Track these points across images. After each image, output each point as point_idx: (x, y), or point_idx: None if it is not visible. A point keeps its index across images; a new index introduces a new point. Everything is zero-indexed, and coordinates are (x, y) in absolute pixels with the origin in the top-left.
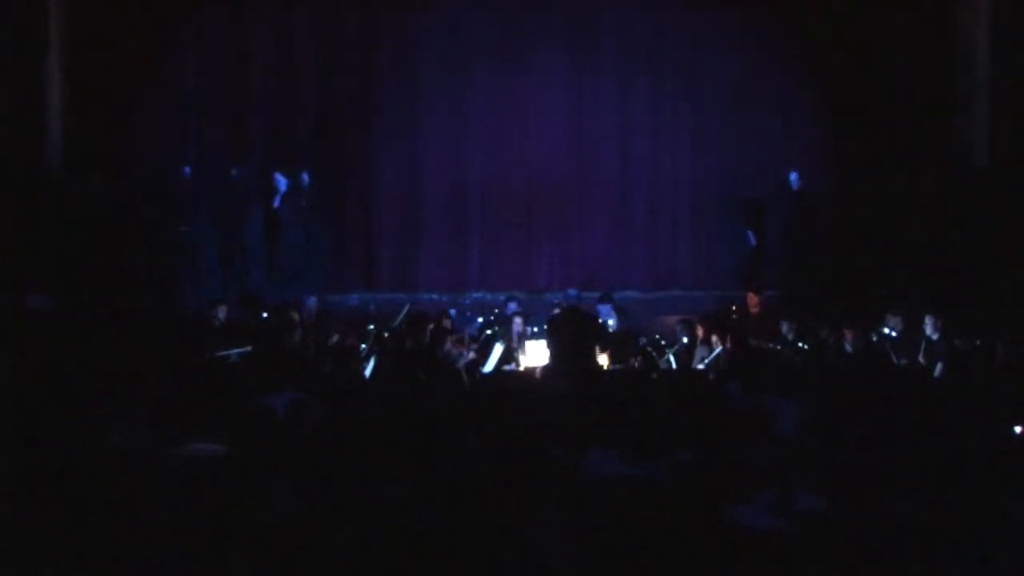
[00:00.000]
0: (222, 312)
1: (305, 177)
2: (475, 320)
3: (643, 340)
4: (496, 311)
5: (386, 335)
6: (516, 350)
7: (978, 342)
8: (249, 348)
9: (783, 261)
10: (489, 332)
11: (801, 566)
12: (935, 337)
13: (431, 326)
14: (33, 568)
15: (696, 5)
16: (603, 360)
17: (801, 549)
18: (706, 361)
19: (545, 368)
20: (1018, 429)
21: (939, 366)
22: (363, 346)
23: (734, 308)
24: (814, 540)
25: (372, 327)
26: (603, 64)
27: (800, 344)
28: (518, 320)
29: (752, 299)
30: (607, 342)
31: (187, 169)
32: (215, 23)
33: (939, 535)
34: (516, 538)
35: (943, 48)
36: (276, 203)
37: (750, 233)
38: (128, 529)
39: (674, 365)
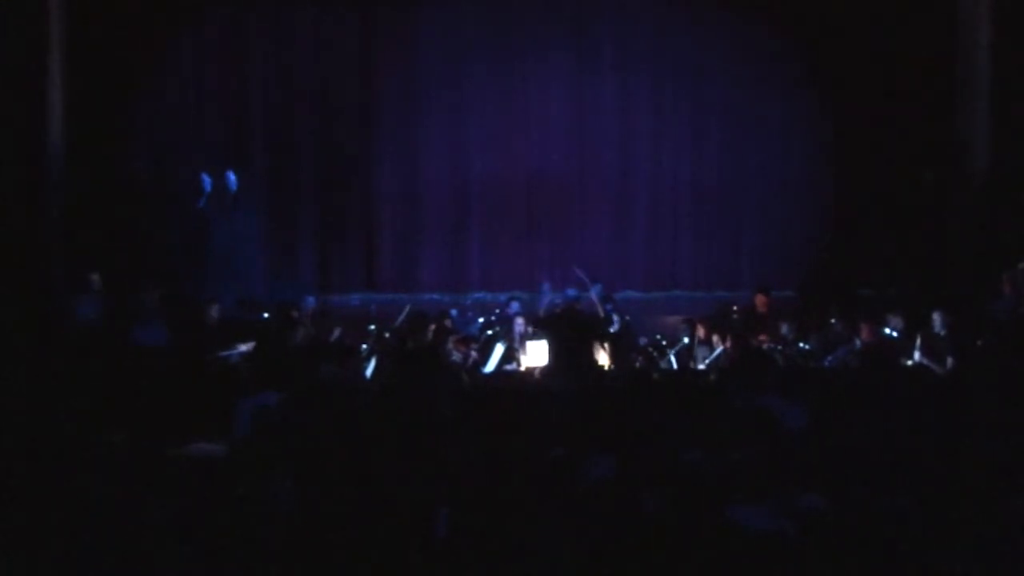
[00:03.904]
0: (215, 311)
1: (231, 176)
2: (476, 320)
3: (644, 340)
4: (497, 311)
5: (387, 335)
6: (517, 350)
7: (979, 342)
8: (250, 347)
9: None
10: (490, 332)
11: (802, 566)
12: (943, 334)
13: (433, 326)
14: (34, 568)
15: (696, 5)
16: (604, 360)
17: (803, 549)
18: (707, 361)
19: (545, 368)
20: None
21: (949, 360)
22: (364, 346)
23: (735, 308)
24: (816, 540)
25: (373, 327)
26: (603, 64)
27: (801, 345)
28: (520, 320)
29: (760, 298)
30: (607, 339)
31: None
32: (215, 23)
33: (942, 534)
34: (517, 537)
35: (944, 47)
36: (201, 203)
37: None
38: (128, 529)
39: (675, 365)
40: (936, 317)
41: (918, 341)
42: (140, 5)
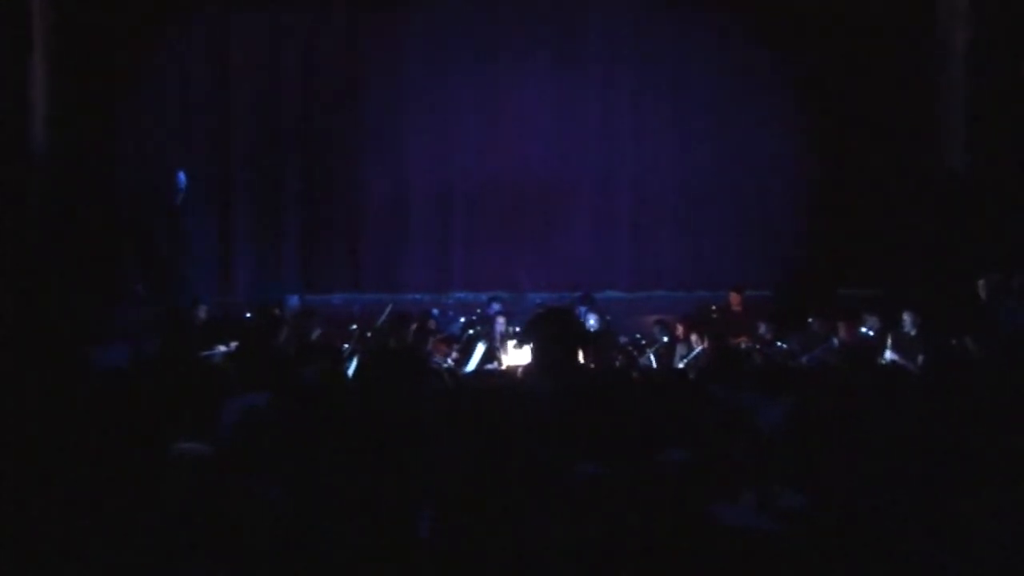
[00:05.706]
0: (203, 311)
1: (181, 176)
2: (457, 320)
3: (624, 340)
4: (478, 311)
5: (369, 335)
6: (498, 350)
7: (953, 341)
8: (233, 346)
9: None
10: (471, 332)
11: (784, 565)
12: (913, 333)
13: (415, 326)
14: (25, 568)
15: (680, 3)
16: (583, 359)
17: (785, 546)
18: (685, 360)
19: (527, 367)
20: None
21: (920, 358)
22: (346, 346)
23: (714, 308)
24: (798, 537)
25: (355, 327)
26: (587, 64)
27: (779, 344)
28: (501, 320)
29: (735, 298)
30: (589, 342)
31: None
32: (201, 24)
33: (923, 531)
34: (500, 538)
35: (924, 48)
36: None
37: None
38: (115, 529)
39: (654, 364)
40: (906, 317)
41: (889, 340)
42: (124, 6)
